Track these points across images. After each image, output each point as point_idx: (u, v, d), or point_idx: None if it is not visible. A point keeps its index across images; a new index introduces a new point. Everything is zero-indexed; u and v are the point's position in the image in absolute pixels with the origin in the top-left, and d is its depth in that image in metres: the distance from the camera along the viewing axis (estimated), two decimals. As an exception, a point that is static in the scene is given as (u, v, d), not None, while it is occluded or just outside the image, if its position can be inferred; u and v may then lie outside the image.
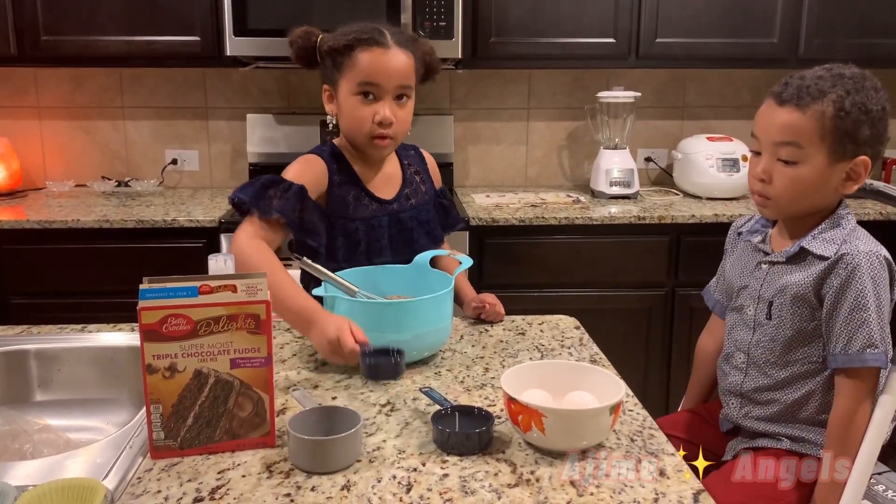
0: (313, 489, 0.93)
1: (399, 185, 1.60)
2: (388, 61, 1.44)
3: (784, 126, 1.30)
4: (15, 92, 3.00)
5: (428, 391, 1.16)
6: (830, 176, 1.30)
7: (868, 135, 1.28)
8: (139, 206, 2.68)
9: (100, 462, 0.99)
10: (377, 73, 1.45)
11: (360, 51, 1.44)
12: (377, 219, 1.53)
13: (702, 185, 2.84)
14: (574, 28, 2.73)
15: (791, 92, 1.29)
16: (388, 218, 1.54)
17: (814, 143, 1.28)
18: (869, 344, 1.26)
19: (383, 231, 1.53)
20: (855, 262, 1.27)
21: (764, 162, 1.34)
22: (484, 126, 3.14)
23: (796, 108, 1.28)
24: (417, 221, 1.58)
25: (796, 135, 1.29)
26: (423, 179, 1.65)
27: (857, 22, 2.75)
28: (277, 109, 3.04)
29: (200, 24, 2.63)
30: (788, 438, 1.38)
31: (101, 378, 1.39)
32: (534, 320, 1.56)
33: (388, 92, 1.46)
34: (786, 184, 1.32)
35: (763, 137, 1.34)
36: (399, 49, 1.46)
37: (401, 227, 1.56)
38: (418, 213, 1.59)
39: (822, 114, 1.27)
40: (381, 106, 1.46)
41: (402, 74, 1.46)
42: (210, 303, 0.99)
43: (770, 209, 1.38)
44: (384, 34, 1.45)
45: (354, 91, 1.47)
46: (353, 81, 1.46)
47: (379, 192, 1.56)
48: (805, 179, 1.30)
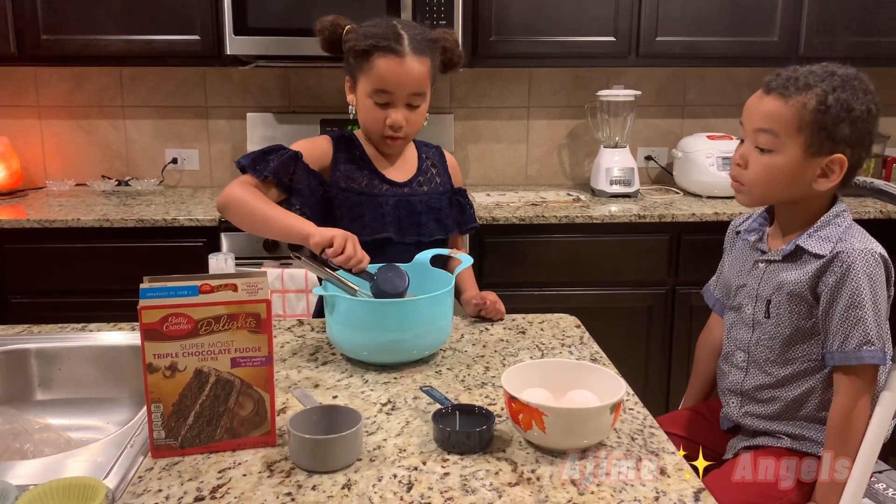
0: (314, 488, 0.94)
1: (413, 171, 1.64)
2: (401, 71, 1.48)
3: (765, 113, 1.31)
4: (15, 91, 3.00)
5: (428, 390, 1.16)
6: (804, 169, 1.31)
7: (847, 133, 1.28)
8: (139, 205, 2.68)
9: (100, 461, 0.99)
10: (390, 82, 1.49)
11: (377, 57, 1.49)
12: (384, 197, 1.58)
13: (702, 184, 2.84)
14: (574, 27, 2.73)
15: (780, 82, 1.31)
16: (397, 199, 1.59)
17: (790, 134, 1.29)
18: (865, 341, 1.27)
19: (388, 209, 1.57)
20: (850, 259, 1.27)
21: (743, 148, 1.37)
22: (484, 125, 3.14)
23: (780, 97, 1.30)
24: (427, 206, 1.61)
25: (774, 123, 1.30)
26: (440, 173, 1.69)
27: (857, 20, 2.75)
28: (277, 108, 3.04)
29: (200, 23, 2.62)
30: (788, 436, 1.38)
31: (101, 377, 1.39)
32: (534, 319, 1.56)
33: (401, 99, 1.52)
34: (759, 170, 1.33)
35: (746, 124, 1.36)
36: (415, 57, 1.49)
37: (410, 210, 1.59)
38: (429, 199, 1.62)
39: (803, 105, 1.28)
40: (394, 111, 1.52)
41: (416, 83, 1.51)
42: (210, 302, 0.99)
43: (743, 195, 1.40)
44: (402, 40, 1.48)
45: (369, 93, 1.52)
46: (368, 85, 1.51)
47: (391, 174, 1.61)
48: (777, 168, 1.31)
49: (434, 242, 1.58)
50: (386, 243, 1.55)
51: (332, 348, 1.40)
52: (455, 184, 1.71)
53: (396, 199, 1.58)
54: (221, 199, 1.48)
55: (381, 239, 1.55)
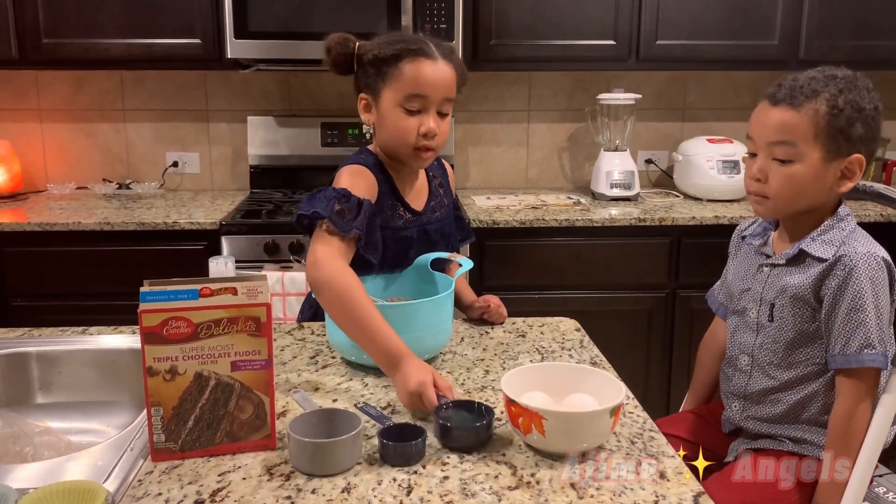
0: (314, 492, 0.93)
1: (426, 196, 1.57)
2: (436, 73, 1.41)
3: (778, 125, 1.31)
4: (16, 94, 3.00)
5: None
6: (826, 174, 1.31)
7: (861, 132, 1.29)
8: (140, 208, 2.68)
9: (100, 465, 0.99)
10: (426, 84, 1.41)
11: (407, 61, 1.40)
12: (408, 229, 1.50)
13: (702, 187, 2.84)
14: (574, 30, 2.73)
15: (784, 92, 1.31)
16: (417, 229, 1.52)
17: (808, 142, 1.29)
18: (866, 345, 1.27)
19: (412, 241, 1.51)
20: (852, 263, 1.27)
21: (759, 162, 1.35)
22: (484, 128, 3.14)
23: (790, 107, 1.29)
24: (441, 235, 1.56)
25: (791, 133, 1.30)
26: (446, 192, 1.63)
27: (857, 24, 2.76)
28: (278, 112, 3.04)
29: (201, 27, 2.63)
30: (791, 440, 1.38)
31: (101, 380, 1.39)
32: (534, 322, 1.56)
33: (434, 104, 1.43)
34: (782, 182, 1.32)
35: (758, 138, 1.35)
36: (444, 61, 1.43)
37: (426, 239, 1.53)
38: (442, 227, 1.57)
39: (815, 112, 1.28)
40: (427, 118, 1.42)
41: (448, 86, 1.44)
42: (211, 305, 0.99)
43: (767, 208, 1.38)
44: (430, 45, 1.43)
45: (399, 102, 1.42)
46: (399, 92, 1.42)
47: (412, 202, 1.53)
48: (800, 177, 1.31)
49: None
50: None
51: (332, 352, 1.40)
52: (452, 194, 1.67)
53: (417, 229, 1.52)
54: (318, 278, 1.28)
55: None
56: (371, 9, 2.55)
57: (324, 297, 1.28)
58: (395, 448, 1.00)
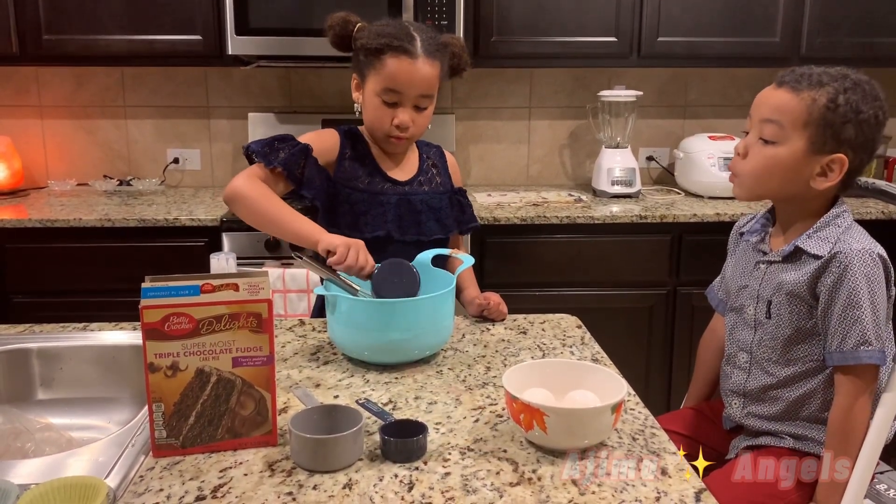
0: (315, 488, 0.94)
1: (415, 171, 1.65)
2: (413, 72, 1.49)
3: (775, 105, 1.32)
4: (17, 91, 3.00)
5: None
6: (804, 166, 1.31)
7: (852, 135, 1.28)
8: (141, 205, 2.68)
9: (102, 460, 0.99)
10: (401, 82, 1.50)
11: (388, 56, 1.49)
12: (385, 195, 1.58)
13: (703, 184, 2.84)
14: (576, 27, 2.73)
15: (793, 77, 1.31)
16: (398, 197, 1.59)
17: (797, 127, 1.29)
18: (863, 341, 1.27)
19: (389, 207, 1.58)
20: (848, 260, 1.27)
21: (747, 138, 1.36)
22: (485, 125, 3.14)
23: (792, 90, 1.30)
24: (428, 206, 1.62)
25: (782, 114, 1.30)
26: (440, 173, 1.70)
27: (859, 20, 2.75)
28: (279, 108, 3.04)
29: (202, 23, 2.63)
30: (791, 437, 1.38)
31: (103, 377, 1.39)
32: (535, 319, 1.56)
33: (410, 100, 1.52)
34: (757, 161, 1.34)
35: (754, 114, 1.36)
36: (426, 59, 1.50)
37: (410, 208, 1.60)
38: (429, 199, 1.63)
39: (813, 101, 1.28)
40: (401, 112, 1.52)
41: (426, 85, 1.52)
42: (212, 301, 0.99)
43: (738, 187, 1.39)
44: (415, 42, 1.49)
45: (378, 92, 1.52)
46: (378, 84, 1.51)
47: (393, 173, 1.62)
48: (777, 160, 1.31)
49: (434, 242, 1.58)
50: (386, 241, 1.56)
51: (334, 348, 1.40)
52: (455, 184, 1.72)
53: (397, 197, 1.59)
54: (229, 191, 1.47)
55: (382, 237, 1.55)
56: (372, 5, 2.54)
57: (237, 205, 1.46)
58: (396, 444, 1.00)
